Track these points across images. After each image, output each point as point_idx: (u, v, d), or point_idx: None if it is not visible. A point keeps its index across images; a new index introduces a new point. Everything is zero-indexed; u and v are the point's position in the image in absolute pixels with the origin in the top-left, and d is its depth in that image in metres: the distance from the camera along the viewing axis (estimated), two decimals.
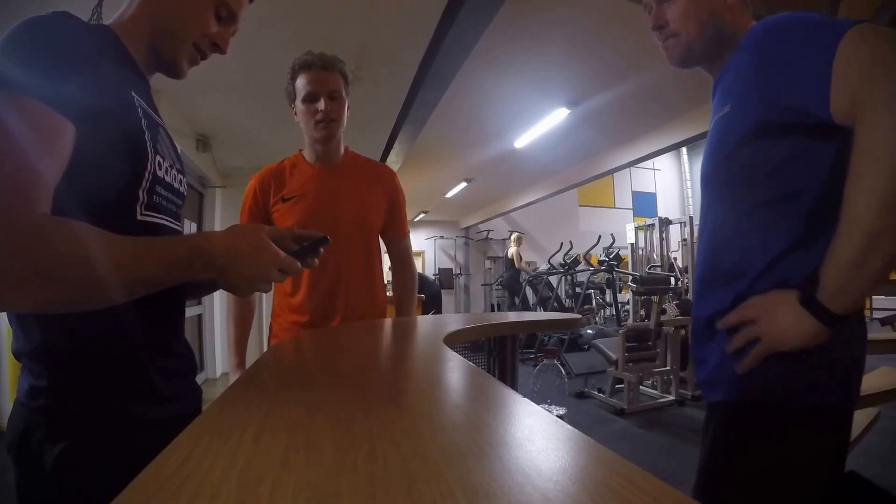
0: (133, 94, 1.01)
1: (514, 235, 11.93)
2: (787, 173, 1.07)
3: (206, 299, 7.44)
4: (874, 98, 0.85)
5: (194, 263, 0.87)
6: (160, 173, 1.04)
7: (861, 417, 2.85)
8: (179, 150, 1.18)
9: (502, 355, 2.24)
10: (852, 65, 0.89)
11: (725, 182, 1.18)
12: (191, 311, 6.92)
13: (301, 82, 2.05)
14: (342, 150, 2.23)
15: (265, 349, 2.19)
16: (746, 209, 1.13)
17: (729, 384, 1.13)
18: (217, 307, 7.65)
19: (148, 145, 1.00)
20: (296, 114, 2.12)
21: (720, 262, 1.19)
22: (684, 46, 1.24)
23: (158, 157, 1.03)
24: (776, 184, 1.08)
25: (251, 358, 2.14)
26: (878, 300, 12.33)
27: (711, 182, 1.23)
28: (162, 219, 1.07)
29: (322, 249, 1.06)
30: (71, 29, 0.91)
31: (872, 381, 2.99)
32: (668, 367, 5.72)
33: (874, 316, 11.62)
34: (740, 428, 1.11)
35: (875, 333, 4.73)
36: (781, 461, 1.04)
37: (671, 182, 17.23)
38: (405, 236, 2.41)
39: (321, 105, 2.02)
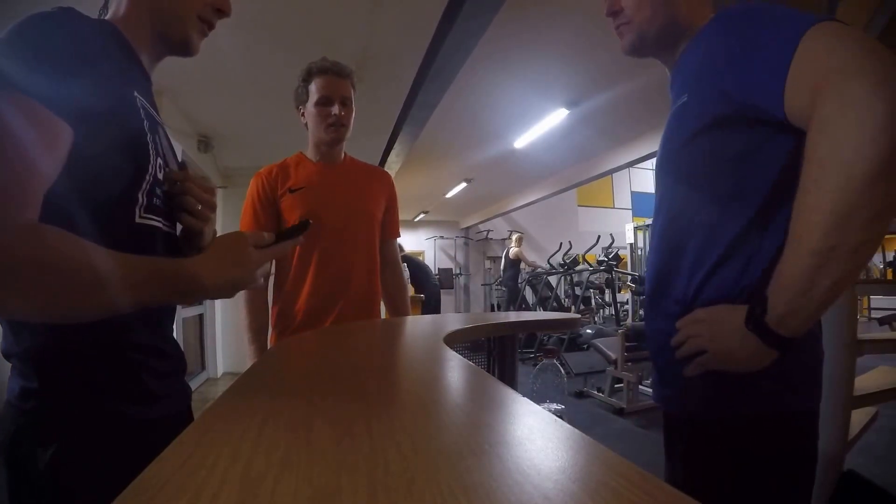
0: (136, 94, 1.00)
1: (514, 235, 11.92)
2: (738, 169, 1.01)
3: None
4: (825, 106, 0.79)
5: (186, 295, 0.90)
6: (160, 175, 1.04)
7: (859, 416, 2.85)
8: (182, 151, 1.18)
9: (502, 355, 2.24)
10: (810, 66, 0.82)
11: (679, 175, 1.14)
12: (192, 311, 6.92)
13: (315, 86, 2.11)
14: (341, 155, 2.31)
15: (266, 349, 2.20)
16: (696, 206, 1.08)
17: (693, 396, 1.09)
18: (218, 307, 7.65)
19: (150, 147, 1.00)
20: (303, 115, 2.18)
21: (669, 262, 1.14)
22: (636, 34, 1.20)
23: (160, 159, 1.03)
24: (727, 180, 1.03)
25: (251, 358, 2.16)
26: (876, 300, 12.35)
27: (663, 175, 1.19)
28: (158, 221, 1.06)
29: (301, 238, 1.07)
30: (75, 27, 0.90)
31: (870, 380, 2.99)
32: None
33: (872, 316, 11.65)
34: (712, 445, 1.06)
35: (873, 333, 4.70)
36: (761, 471, 1.00)
37: None
38: (397, 237, 2.48)
39: (335, 109, 2.09)
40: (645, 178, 16.81)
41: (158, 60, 1.15)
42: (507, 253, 11.73)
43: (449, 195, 11.26)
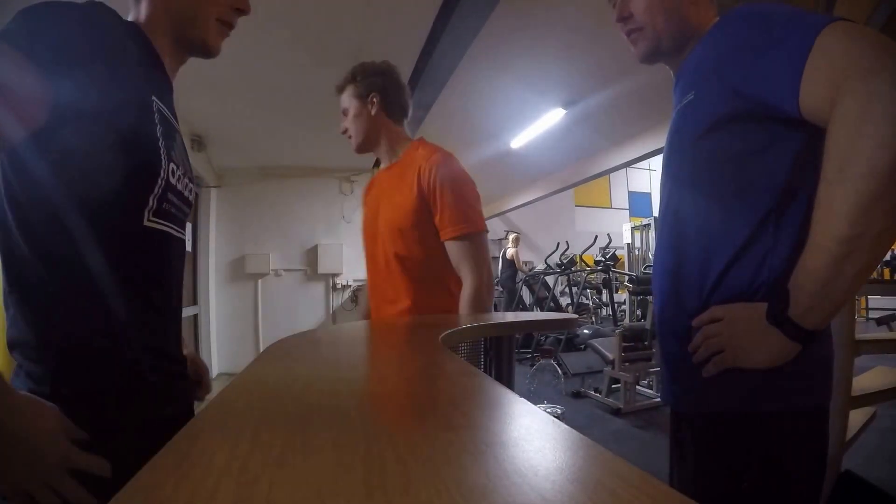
0: (154, 98, 1.01)
1: (511, 236, 11.91)
2: (750, 166, 1.02)
3: (201, 299, 7.45)
4: (848, 100, 0.81)
5: None
6: (173, 181, 1.04)
7: (857, 417, 2.86)
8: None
9: (499, 355, 2.24)
10: (827, 63, 0.84)
11: (688, 172, 1.15)
12: (187, 312, 6.92)
13: None
14: (395, 151, 2.19)
15: (261, 349, 2.20)
16: (708, 203, 1.09)
17: (704, 395, 1.09)
18: (213, 307, 7.67)
19: (162, 152, 1.00)
20: None
21: (681, 260, 1.14)
22: (651, 40, 1.20)
23: (172, 165, 1.03)
24: (739, 175, 1.04)
25: (247, 358, 2.17)
26: (874, 300, 12.38)
27: (672, 173, 1.20)
28: (168, 226, 1.07)
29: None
30: (97, 22, 0.92)
31: (868, 380, 3.00)
32: None
33: (870, 316, 11.68)
34: (727, 439, 1.06)
35: (871, 333, 4.70)
36: (776, 468, 1.01)
37: None
38: (453, 236, 2.01)
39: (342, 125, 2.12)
40: (642, 178, 16.85)
41: (181, 64, 1.17)
42: (505, 253, 11.71)
43: None
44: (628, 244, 11.28)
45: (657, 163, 17.74)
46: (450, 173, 2.02)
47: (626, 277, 9.64)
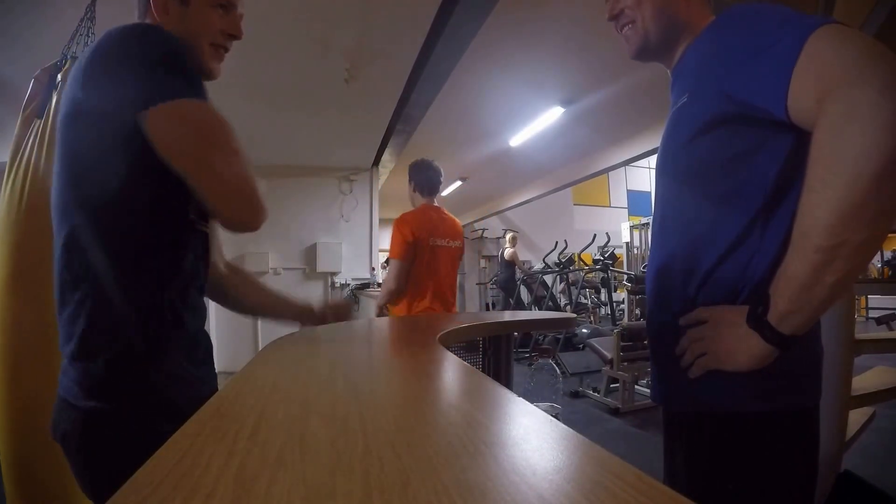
0: None
1: (509, 235, 11.87)
2: (738, 169, 1.02)
3: None
4: (834, 107, 0.80)
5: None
6: None
7: (856, 417, 2.86)
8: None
9: (497, 355, 2.24)
10: (816, 68, 0.83)
11: (679, 174, 1.15)
12: None
13: None
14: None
15: (260, 348, 2.20)
16: (697, 204, 1.09)
17: (693, 395, 1.09)
18: (212, 305, 7.63)
19: None
20: None
21: (670, 261, 1.15)
22: (642, 35, 1.20)
23: None
24: (728, 178, 1.04)
25: (246, 357, 2.16)
26: (874, 299, 12.39)
27: (663, 175, 1.20)
28: (205, 224, 1.22)
29: None
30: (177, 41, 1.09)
31: (868, 380, 3.00)
32: None
33: (870, 315, 11.68)
34: (716, 439, 1.06)
35: (871, 333, 4.71)
36: (765, 468, 1.01)
37: None
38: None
39: None
40: (641, 177, 16.82)
41: None
42: (503, 253, 11.67)
43: (443, 194, 11.24)
44: (627, 243, 11.24)
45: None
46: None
47: (625, 276, 9.62)
